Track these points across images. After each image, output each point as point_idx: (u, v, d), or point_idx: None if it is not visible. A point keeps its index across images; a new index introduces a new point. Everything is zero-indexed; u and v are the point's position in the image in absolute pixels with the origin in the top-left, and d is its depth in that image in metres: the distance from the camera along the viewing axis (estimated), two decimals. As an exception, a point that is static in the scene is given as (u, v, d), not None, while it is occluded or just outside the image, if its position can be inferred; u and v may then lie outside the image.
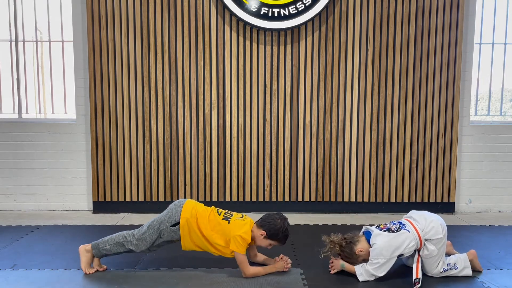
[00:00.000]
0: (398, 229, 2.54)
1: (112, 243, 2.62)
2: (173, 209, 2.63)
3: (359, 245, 2.58)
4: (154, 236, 2.59)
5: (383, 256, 2.48)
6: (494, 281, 2.58)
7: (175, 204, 2.66)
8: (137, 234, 2.62)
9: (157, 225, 2.60)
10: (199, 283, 2.54)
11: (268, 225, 2.58)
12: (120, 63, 4.18)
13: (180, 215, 2.57)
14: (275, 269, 2.68)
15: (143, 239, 2.60)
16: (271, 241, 2.61)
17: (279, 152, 4.27)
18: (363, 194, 4.32)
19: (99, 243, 2.65)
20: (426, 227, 2.53)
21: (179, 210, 2.59)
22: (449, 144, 4.31)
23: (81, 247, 2.69)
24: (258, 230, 2.60)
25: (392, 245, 2.48)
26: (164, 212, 2.66)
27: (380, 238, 2.51)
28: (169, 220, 2.58)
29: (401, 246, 2.48)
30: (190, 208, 2.60)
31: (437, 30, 4.20)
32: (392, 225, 2.58)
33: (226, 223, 2.58)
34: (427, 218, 2.58)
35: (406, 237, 2.49)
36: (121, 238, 2.63)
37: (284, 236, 2.62)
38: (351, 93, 4.24)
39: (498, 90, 4.58)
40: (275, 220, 2.60)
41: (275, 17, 4.06)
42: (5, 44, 4.37)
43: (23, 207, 4.38)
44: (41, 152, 4.34)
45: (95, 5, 4.11)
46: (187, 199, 2.70)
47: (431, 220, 2.56)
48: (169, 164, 4.26)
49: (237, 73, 4.20)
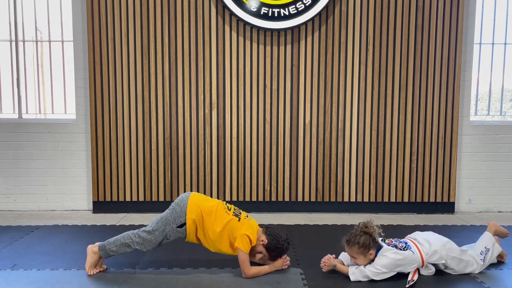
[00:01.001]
0: (404, 248, 2.58)
1: (119, 244, 2.61)
2: (177, 209, 2.58)
3: (373, 249, 2.58)
4: (159, 238, 2.58)
5: (386, 268, 2.52)
6: (494, 281, 2.58)
7: (178, 204, 2.60)
8: (142, 235, 2.59)
9: (162, 227, 2.57)
10: (199, 283, 2.54)
11: (273, 237, 2.58)
12: (120, 63, 4.18)
13: (186, 215, 2.55)
14: (274, 267, 2.68)
15: (149, 240, 2.58)
16: (264, 251, 2.62)
17: (279, 152, 4.27)
18: (363, 194, 4.32)
19: (105, 244, 2.63)
20: (429, 252, 2.58)
21: (184, 210, 2.56)
22: (449, 144, 4.31)
23: (89, 248, 2.68)
24: (262, 235, 2.60)
25: (397, 263, 2.52)
26: (168, 212, 2.61)
27: (389, 254, 2.53)
28: (174, 222, 2.56)
29: (403, 266, 2.54)
30: (195, 207, 2.57)
31: (437, 30, 4.20)
32: (399, 243, 2.62)
33: (237, 220, 2.58)
34: (432, 243, 2.60)
35: (410, 259, 2.54)
36: (126, 239, 2.61)
37: (277, 254, 2.64)
38: (351, 93, 4.24)
39: (498, 90, 4.58)
40: (281, 238, 2.60)
41: (275, 17, 4.06)
42: (5, 44, 4.37)
43: (23, 207, 4.38)
44: (41, 152, 4.34)
45: (95, 5, 4.11)
46: (190, 194, 2.65)
47: (435, 247, 2.58)
48: (169, 164, 4.26)
49: (237, 73, 4.20)
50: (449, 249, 2.62)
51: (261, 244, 2.59)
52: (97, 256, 2.65)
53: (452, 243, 2.66)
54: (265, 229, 2.64)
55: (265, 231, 2.62)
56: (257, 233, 2.61)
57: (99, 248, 2.64)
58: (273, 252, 2.62)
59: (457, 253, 2.63)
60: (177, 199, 2.66)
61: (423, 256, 2.57)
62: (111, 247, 2.62)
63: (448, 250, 2.61)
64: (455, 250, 2.63)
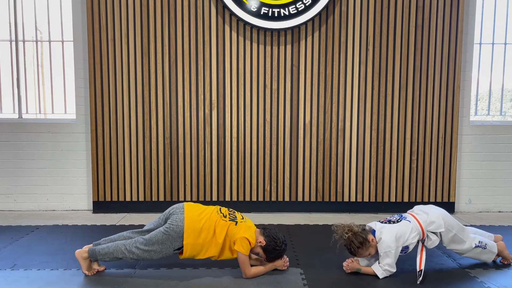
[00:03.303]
0: (398, 220, 2.61)
1: (112, 257, 2.57)
2: (172, 235, 2.49)
3: (370, 235, 2.58)
4: (155, 257, 2.55)
5: (390, 247, 2.52)
6: (494, 281, 2.58)
7: (173, 230, 2.48)
8: (137, 252, 2.52)
9: (158, 248, 2.51)
10: (199, 283, 2.54)
11: (271, 239, 2.57)
12: (120, 63, 4.18)
13: (183, 241, 2.50)
14: (274, 266, 2.68)
15: (144, 258, 2.55)
16: (261, 252, 2.61)
17: (279, 152, 4.27)
18: (363, 194, 4.32)
19: (96, 254, 2.58)
20: (427, 220, 2.60)
21: (180, 236, 2.49)
22: (449, 144, 4.31)
23: (77, 253, 2.61)
24: (260, 236, 2.59)
25: (395, 234, 2.52)
26: (163, 236, 2.50)
27: (384, 231, 2.55)
28: (171, 246, 2.52)
29: (404, 235, 2.54)
30: (192, 230, 2.49)
31: (437, 30, 4.20)
32: (392, 217, 2.66)
33: (234, 224, 2.57)
34: (429, 213, 2.64)
35: (408, 226, 2.56)
36: (120, 253, 2.55)
37: (275, 256, 2.64)
38: (351, 93, 4.24)
39: (498, 90, 4.58)
40: (279, 239, 2.59)
41: (275, 17, 4.05)
42: (5, 44, 4.37)
43: (23, 207, 4.38)
44: (41, 152, 4.34)
45: (95, 5, 4.11)
46: (185, 212, 2.54)
47: (433, 215, 2.61)
48: (169, 164, 4.26)
49: (237, 73, 4.20)
50: (448, 220, 2.63)
51: (259, 246, 2.58)
52: (88, 261, 2.62)
53: (452, 217, 2.68)
54: (262, 230, 2.63)
55: (262, 232, 2.61)
56: (254, 233, 2.60)
57: (90, 255, 2.60)
58: (271, 254, 2.61)
59: (456, 226, 2.64)
60: (170, 220, 2.53)
61: (421, 223, 2.58)
62: (103, 258, 2.58)
63: (447, 220, 2.62)
64: (454, 222, 2.66)
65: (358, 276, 2.62)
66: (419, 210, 2.70)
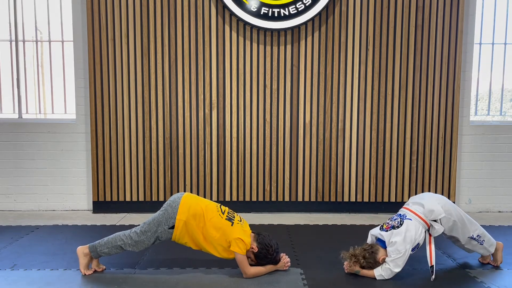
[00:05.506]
0: (400, 222, 2.58)
1: (110, 246, 2.60)
2: (168, 210, 2.57)
3: (380, 253, 2.58)
4: (152, 239, 2.57)
5: (398, 251, 2.50)
6: (494, 281, 2.58)
7: (170, 205, 2.59)
8: (134, 236, 2.58)
9: (154, 228, 2.56)
10: (199, 283, 2.54)
11: (263, 246, 2.58)
12: (120, 63, 4.18)
13: (176, 216, 2.54)
14: (275, 267, 2.68)
15: (141, 241, 2.58)
16: (252, 257, 2.62)
17: (279, 152, 4.27)
18: (363, 194, 4.32)
19: (96, 246, 2.62)
20: (425, 211, 2.59)
21: (175, 211, 2.55)
22: (449, 144, 4.31)
23: (79, 249, 2.66)
24: (253, 242, 2.59)
25: (406, 240, 2.51)
26: (160, 213, 2.60)
27: (394, 239, 2.53)
28: (166, 223, 2.55)
29: (413, 235, 2.52)
30: (187, 209, 2.55)
31: (437, 30, 4.20)
32: (394, 221, 2.62)
33: (229, 225, 2.57)
34: (424, 203, 2.62)
35: (413, 227, 2.54)
36: (118, 241, 2.60)
37: (266, 263, 2.64)
38: (351, 93, 4.24)
39: (498, 90, 4.58)
40: (271, 247, 2.59)
41: (275, 17, 4.05)
42: (5, 44, 4.37)
43: (23, 207, 4.38)
44: (41, 152, 4.34)
45: (95, 5, 4.11)
46: (184, 195, 2.64)
47: (429, 204, 2.60)
48: (169, 164, 4.27)
49: (237, 73, 4.20)
50: (444, 204, 2.62)
51: (251, 251, 2.59)
52: (88, 257, 2.65)
53: (451, 203, 2.68)
54: (256, 236, 2.63)
55: (256, 238, 2.61)
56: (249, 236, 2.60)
57: (90, 250, 2.63)
58: (262, 261, 2.62)
59: (455, 212, 2.63)
60: (169, 199, 2.64)
61: (421, 216, 2.57)
62: (102, 249, 2.61)
63: (444, 205, 2.61)
64: (451, 207, 2.65)
65: (358, 276, 2.62)
66: (413, 204, 2.67)
